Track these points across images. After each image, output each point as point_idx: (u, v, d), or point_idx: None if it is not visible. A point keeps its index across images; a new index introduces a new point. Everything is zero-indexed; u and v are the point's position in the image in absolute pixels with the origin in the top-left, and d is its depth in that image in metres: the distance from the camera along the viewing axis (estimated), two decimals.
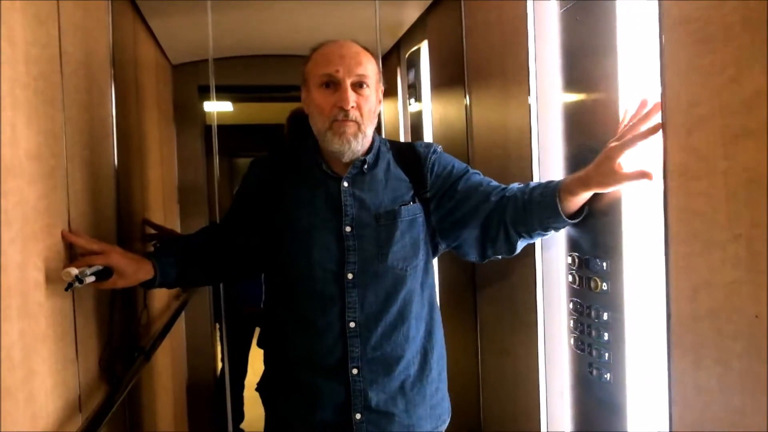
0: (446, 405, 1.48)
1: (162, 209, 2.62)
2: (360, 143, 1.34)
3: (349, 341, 1.33)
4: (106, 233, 1.62)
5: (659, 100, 0.97)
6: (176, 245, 1.51)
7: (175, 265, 1.41)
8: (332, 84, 1.31)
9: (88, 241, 1.30)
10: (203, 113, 3.27)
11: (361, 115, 1.31)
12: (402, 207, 1.37)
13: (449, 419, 1.49)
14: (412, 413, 1.37)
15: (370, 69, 1.34)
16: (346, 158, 1.36)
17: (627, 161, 1.07)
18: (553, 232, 1.27)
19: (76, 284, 1.18)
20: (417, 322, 1.38)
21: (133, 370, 1.63)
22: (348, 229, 1.34)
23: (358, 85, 1.31)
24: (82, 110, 1.44)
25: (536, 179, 1.45)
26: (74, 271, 1.17)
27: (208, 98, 2.74)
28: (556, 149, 1.36)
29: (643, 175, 1.02)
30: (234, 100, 4.04)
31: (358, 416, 1.33)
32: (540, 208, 1.23)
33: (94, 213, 1.50)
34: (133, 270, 1.33)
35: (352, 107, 1.30)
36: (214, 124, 2.62)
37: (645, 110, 1.02)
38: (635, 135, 1.03)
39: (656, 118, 0.99)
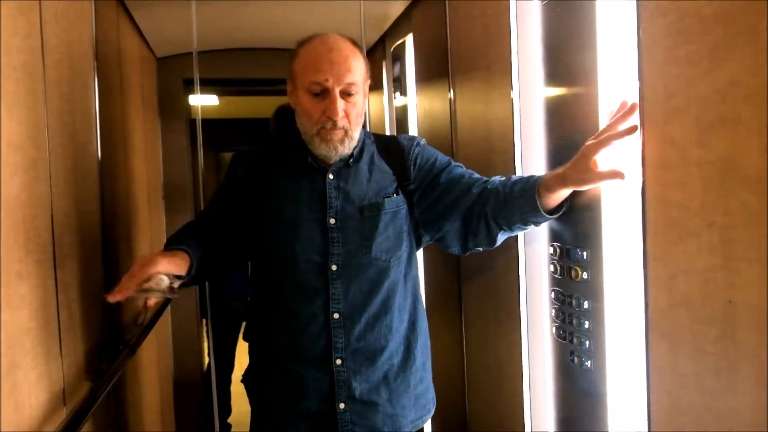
0: (431, 395, 1.50)
1: (147, 203, 2.61)
2: (347, 147, 1.35)
3: (333, 332, 1.35)
4: (89, 226, 1.62)
5: (637, 94, 0.99)
6: (191, 238, 1.39)
7: (200, 258, 1.35)
8: (321, 92, 1.30)
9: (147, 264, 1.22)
10: (188, 107, 3.26)
11: (349, 121, 1.32)
12: (386, 199, 1.39)
13: (434, 409, 1.51)
14: (396, 403, 1.39)
15: (359, 72, 1.32)
16: (333, 160, 1.37)
17: (603, 160, 1.09)
18: (533, 226, 1.29)
19: (172, 296, 1.22)
20: (400, 313, 1.40)
21: (117, 364, 1.63)
22: (332, 221, 1.36)
23: (347, 93, 1.30)
24: (65, 102, 1.43)
25: (519, 172, 1.46)
26: (165, 280, 1.18)
27: (193, 91, 2.73)
28: (539, 142, 1.37)
29: (616, 174, 1.05)
30: (220, 94, 4.03)
31: (341, 406, 1.35)
32: (520, 202, 1.24)
33: (77, 205, 1.50)
34: (178, 267, 1.26)
35: (341, 116, 1.30)
36: (199, 117, 2.61)
37: (623, 111, 1.04)
38: (611, 134, 1.05)
39: (633, 120, 1.01)
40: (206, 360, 3.34)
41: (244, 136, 4.94)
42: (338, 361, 1.35)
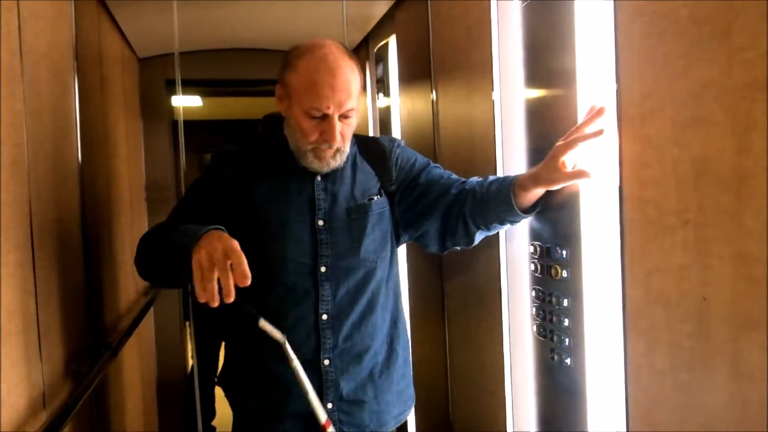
0: (411, 391, 1.53)
1: (129, 205, 2.59)
2: (339, 161, 1.35)
3: (321, 333, 1.35)
4: (69, 228, 1.60)
5: (614, 94, 1.00)
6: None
7: None
8: (321, 116, 1.28)
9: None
10: (171, 108, 3.24)
11: (344, 140, 1.32)
12: (371, 201, 1.40)
13: (414, 404, 1.54)
14: (381, 399, 1.41)
15: (356, 90, 1.29)
16: (323, 172, 1.37)
17: (571, 160, 1.12)
18: (509, 225, 1.32)
19: None
20: (383, 311, 1.42)
21: (99, 366, 1.61)
22: (321, 222, 1.36)
23: (344, 116, 1.29)
24: (44, 102, 1.42)
25: (500, 172, 1.48)
26: None
27: (175, 92, 2.72)
28: (519, 143, 1.39)
29: (581, 174, 1.09)
30: (203, 95, 4.00)
31: (330, 405, 1.36)
32: (496, 202, 1.28)
33: (57, 206, 1.48)
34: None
35: (338, 140, 1.29)
36: (180, 118, 2.59)
37: (592, 113, 1.07)
38: (578, 136, 1.08)
39: (601, 123, 1.04)
40: (190, 362, 3.32)
41: (228, 138, 4.91)
42: (326, 362, 1.35)
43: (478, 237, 1.37)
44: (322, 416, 1.23)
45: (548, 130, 1.26)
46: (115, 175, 2.32)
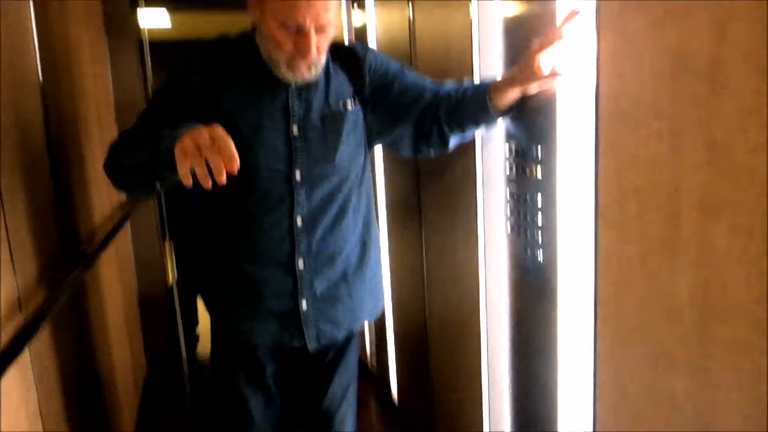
0: (381, 288, 1.61)
1: (97, 122, 2.51)
2: (314, 73, 1.31)
3: (296, 237, 1.38)
4: (32, 138, 1.56)
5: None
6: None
7: None
8: (296, 28, 1.22)
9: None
10: (138, 26, 3.06)
11: (319, 53, 1.27)
12: (346, 109, 1.38)
13: (383, 302, 1.64)
14: (354, 297, 1.47)
15: (334, 5, 1.25)
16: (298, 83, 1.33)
17: (545, 60, 1.11)
18: (484, 128, 1.34)
19: None
20: (355, 215, 1.45)
21: (75, 274, 1.62)
22: (296, 130, 1.34)
23: (320, 29, 1.24)
24: None
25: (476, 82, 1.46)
26: None
27: (139, 6, 2.56)
28: (497, 57, 1.36)
29: (554, 74, 1.10)
30: (169, 9, 3.78)
31: (304, 303, 1.41)
32: (472, 105, 1.28)
33: (18, 115, 1.43)
34: None
35: (313, 52, 1.25)
36: (145, 37, 2.46)
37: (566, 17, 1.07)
38: (552, 34, 1.07)
39: (572, 25, 1.04)
40: (170, 279, 3.35)
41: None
42: (300, 264, 1.39)
43: (453, 142, 1.37)
44: None
45: (526, 43, 1.23)
46: (81, 91, 2.23)
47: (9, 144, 1.35)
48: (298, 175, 1.35)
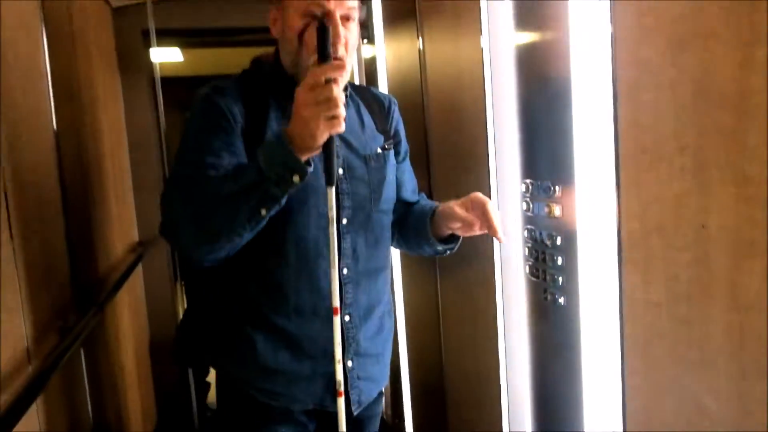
0: None
1: (111, 160, 2.52)
2: (345, 80, 1.16)
3: (344, 288, 1.25)
4: (45, 180, 1.55)
5: (609, 17, 0.94)
6: None
7: None
8: (321, 15, 1.14)
9: None
10: (150, 62, 3.12)
11: (347, 52, 1.17)
12: (386, 150, 1.32)
13: None
14: (386, 350, 1.36)
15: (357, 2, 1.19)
16: None
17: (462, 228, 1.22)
18: (429, 251, 1.35)
19: None
20: (388, 261, 1.37)
21: (85, 321, 1.59)
22: (340, 171, 1.24)
23: (346, 18, 1.16)
24: (7, 49, 1.34)
25: (489, 120, 1.44)
26: None
27: (152, 44, 2.61)
28: (510, 90, 1.33)
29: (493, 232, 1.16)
30: (182, 46, 3.84)
31: (350, 363, 1.27)
32: (416, 230, 1.33)
33: (32, 157, 1.43)
34: None
35: (342, 43, 1.15)
36: (157, 73, 2.49)
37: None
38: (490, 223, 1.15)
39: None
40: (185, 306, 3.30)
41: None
42: (347, 317, 1.26)
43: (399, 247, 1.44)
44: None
45: (538, 74, 1.21)
46: (94, 130, 2.25)
47: (22, 187, 1.33)
48: (344, 220, 1.24)
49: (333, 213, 1.05)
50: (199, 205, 1.08)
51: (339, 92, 0.99)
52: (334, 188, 1.05)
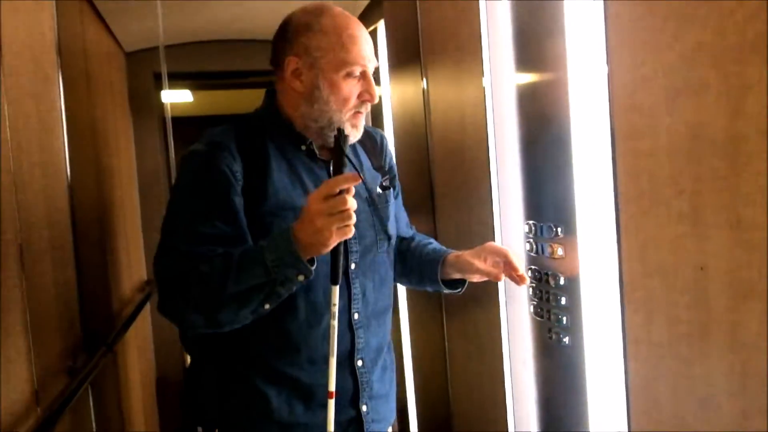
0: None
1: (121, 201, 2.57)
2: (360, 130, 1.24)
3: (355, 333, 1.24)
4: (58, 222, 1.58)
5: (605, 63, 0.98)
6: None
7: None
8: (359, 74, 1.16)
9: None
10: (161, 103, 3.20)
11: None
12: (387, 190, 1.32)
13: None
14: (392, 391, 1.35)
15: None
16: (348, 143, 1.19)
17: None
18: (429, 288, 1.37)
19: None
20: (391, 301, 1.36)
21: (94, 362, 1.60)
22: None
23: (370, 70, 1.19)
24: (26, 94, 1.39)
25: (492, 160, 1.46)
26: None
27: (163, 87, 2.68)
28: (511, 129, 1.37)
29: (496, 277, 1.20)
30: (192, 88, 3.95)
31: (364, 408, 1.25)
32: (423, 272, 1.33)
33: (45, 200, 1.46)
34: None
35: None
36: (168, 115, 2.56)
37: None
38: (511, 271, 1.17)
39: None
40: (188, 360, 3.30)
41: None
42: (359, 362, 1.24)
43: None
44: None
45: (539, 115, 1.24)
46: (105, 171, 2.30)
47: (34, 226, 1.36)
48: (352, 265, 1.23)
49: (336, 309, 1.08)
50: (202, 299, 1.08)
51: (352, 202, 1.01)
52: (338, 285, 1.08)
